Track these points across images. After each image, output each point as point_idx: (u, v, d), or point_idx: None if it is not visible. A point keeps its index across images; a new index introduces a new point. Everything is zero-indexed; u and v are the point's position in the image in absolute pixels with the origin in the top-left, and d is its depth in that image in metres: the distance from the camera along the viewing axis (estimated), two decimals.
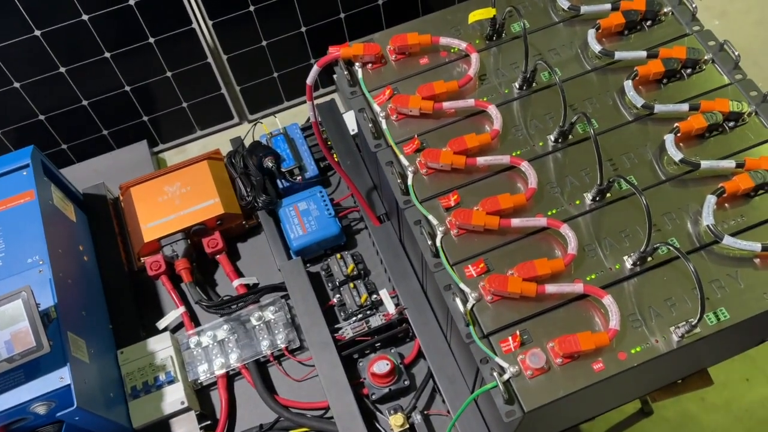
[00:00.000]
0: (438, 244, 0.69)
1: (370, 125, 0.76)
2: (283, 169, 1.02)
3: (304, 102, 1.46)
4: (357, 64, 0.80)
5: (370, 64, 0.81)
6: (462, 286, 0.66)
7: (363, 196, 0.98)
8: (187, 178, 1.00)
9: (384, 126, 0.76)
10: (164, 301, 1.00)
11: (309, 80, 0.82)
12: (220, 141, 1.49)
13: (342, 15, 1.44)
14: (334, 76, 1.31)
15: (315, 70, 0.80)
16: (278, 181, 1.02)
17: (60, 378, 0.75)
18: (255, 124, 1.09)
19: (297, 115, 1.55)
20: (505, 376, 0.62)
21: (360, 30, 1.45)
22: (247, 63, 1.45)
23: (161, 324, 0.96)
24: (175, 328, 0.97)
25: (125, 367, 0.90)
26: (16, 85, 1.27)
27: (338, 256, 0.98)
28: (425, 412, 0.89)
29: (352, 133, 1.05)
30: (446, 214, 0.71)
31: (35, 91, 1.29)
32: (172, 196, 0.99)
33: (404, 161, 0.74)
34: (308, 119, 1.16)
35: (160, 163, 1.57)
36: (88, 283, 0.92)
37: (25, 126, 1.34)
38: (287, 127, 1.08)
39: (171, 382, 0.89)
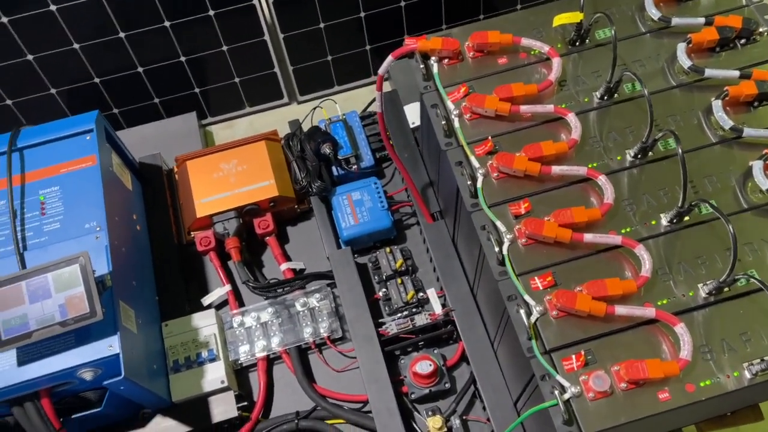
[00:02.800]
0: (505, 252, 0.67)
1: (443, 122, 0.74)
2: (339, 157, 1.00)
3: (354, 88, 1.44)
4: (433, 58, 0.78)
5: (446, 60, 0.78)
6: (527, 298, 0.65)
7: (418, 191, 0.96)
8: (244, 156, 1.00)
9: (456, 124, 0.74)
10: (210, 277, 1.00)
11: (381, 70, 0.80)
12: (268, 119, 1.48)
13: (402, 3, 1.41)
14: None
15: (389, 60, 0.78)
16: (333, 168, 1.01)
17: (109, 346, 0.75)
18: (314, 109, 1.08)
19: (346, 100, 1.53)
20: (566, 396, 0.60)
21: (419, 21, 1.42)
22: (302, 44, 1.43)
23: (206, 300, 0.96)
24: (219, 306, 0.97)
25: (168, 341, 0.90)
26: (76, 46, 1.28)
27: (387, 249, 0.97)
28: (464, 417, 0.87)
29: (411, 126, 1.04)
30: (515, 221, 0.69)
31: (93, 54, 1.30)
32: (227, 174, 0.99)
33: (475, 163, 0.72)
34: (366, 107, 1.15)
35: (207, 135, 1.57)
36: (138, 253, 0.92)
37: (79, 87, 1.34)
38: (347, 114, 1.06)
39: (213, 360, 0.89)
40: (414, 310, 0.94)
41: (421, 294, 0.95)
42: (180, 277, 0.97)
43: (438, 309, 0.92)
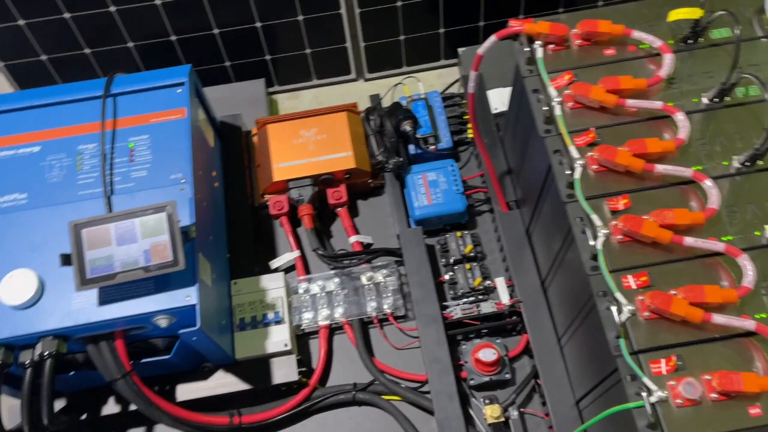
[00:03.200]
0: (599, 246, 0.65)
1: (545, 108, 0.72)
2: (418, 136, 0.99)
3: (422, 70, 1.42)
4: (537, 42, 0.77)
5: (551, 45, 0.76)
6: (618, 296, 0.63)
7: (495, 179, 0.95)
8: (324, 125, 1.00)
9: (557, 112, 0.72)
10: (279, 241, 1.01)
11: (481, 50, 0.78)
12: (333, 93, 1.48)
13: None
14: (460, 50, 1.29)
15: (492, 40, 0.77)
16: (410, 146, 1.00)
17: (186, 297, 0.76)
18: (396, 85, 1.07)
19: (413, 82, 1.52)
20: (652, 399, 0.59)
21: (495, 9, 1.39)
22: (377, 20, 1.42)
23: (274, 263, 0.97)
24: (286, 271, 0.97)
25: (236, 299, 0.91)
26: (158, 2, 1.29)
27: (458, 234, 0.96)
28: (521, 410, 0.87)
29: (494, 111, 1.02)
30: (611, 217, 0.67)
31: (173, 11, 1.31)
32: (306, 141, 0.99)
33: (574, 153, 0.70)
34: (446, 88, 1.13)
35: (272, 103, 1.58)
36: (215, 209, 0.93)
37: (155, 44, 1.36)
38: (428, 93, 1.05)
39: (278, 322, 0.90)
40: (480, 297, 0.93)
41: (488, 282, 0.94)
42: (250, 238, 0.98)
43: (505, 299, 0.91)
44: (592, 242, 0.66)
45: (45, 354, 0.75)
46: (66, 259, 0.74)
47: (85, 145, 0.85)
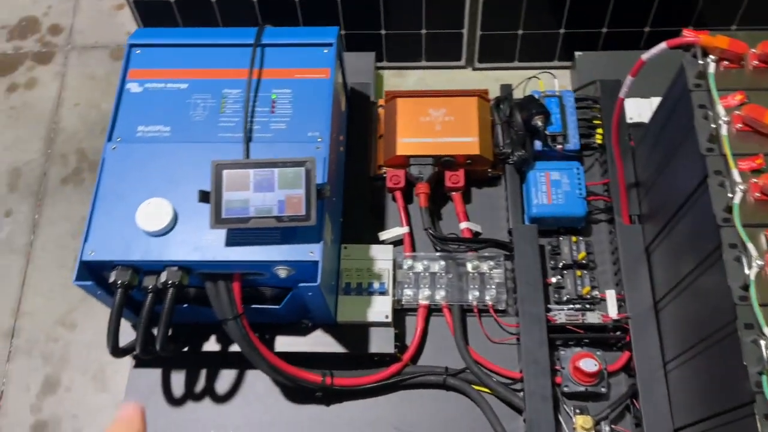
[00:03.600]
0: (753, 277, 0.63)
1: (712, 125, 0.70)
2: (547, 133, 0.98)
3: (533, 68, 1.38)
4: (711, 57, 0.74)
5: (725, 62, 0.73)
6: (767, 330, 0.61)
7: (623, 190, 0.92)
8: (453, 107, 0.99)
9: (723, 131, 0.70)
10: (389, 214, 1.01)
11: (645, 56, 0.76)
12: (440, 78, 1.46)
13: None
14: (577, 54, 1.25)
15: (661, 47, 0.74)
16: (536, 142, 0.99)
17: (310, 252, 0.77)
18: (530, 78, 1.05)
19: (520, 78, 1.50)
20: None
21: (621, 17, 1.35)
22: (499, 11, 1.40)
23: (383, 235, 0.97)
24: (393, 245, 0.98)
25: (344, 263, 0.93)
26: None
27: (573, 238, 0.95)
28: (613, 426, 0.85)
29: (628, 120, 0.99)
30: None
31: None
32: (433, 120, 0.99)
33: (737, 176, 0.67)
34: (578, 89, 1.10)
35: (378, 79, 1.58)
36: (338, 172, 0.95)
37: (276, 1, 1.37)
38: (563, 92, 1.03)
39: (382, 293, 0.91)
40: (587, 306, 0.91)
41: (596, 292, 0.92)
42: (364, 207, 0.99)
43: (613, 312, 0.89)
44: (746, 271, 0.63)
45: (168, 283, 0.78)
46: (204, 196, 0.76)
47: (229, 90, 0.87)
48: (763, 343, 0.60)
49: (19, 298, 1.13)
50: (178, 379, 0.92)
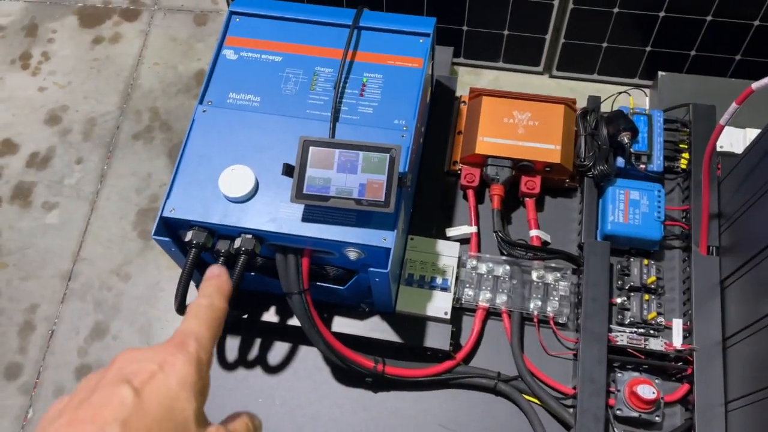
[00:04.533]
0: None
1: None
2: (632, 151, 0.96)
3: (612, 83, 1.35)
4: None
5: None
6: None
7: (707, 218, 0.90)
8: (539, 112, 0.98)
9: None
10: (458, 211, 1.01)
11: (756, 85, 0.74)
12: (515, 81, 1.45)
13: (708, 18, 1.29)
14: (661, 74, 1.21)
15: None
16: (618, 158, 0.97)
17: (383, 239, 0.77)
18: (620, 93, 1.03)
19: (599, 91, 1.47)
20: None
21: (713, 41, 1.30)
22: (586, 21, 1.36)
23: (450, 232, 0.97)
24: (459, 242, 0.97)
25: (410, 253, 0.93)
26: None
27: (645, 261, 0.92)
28: None
29: (718, 149, 0.96)
30: None
31: None
32: (517, 123, 0.97)
33: None
34: (668, 109, 1.07)
35: (452, 73, 1.57)
36: (416, 163, 0.94)
37: None
38: (653, 111, 1.00)
39: (444, 289, 0.90)
40: (651, 331, 0.89)
41: (661, 319, 0.90)
42: (435, 201, 0.99)
43: (678, 342, 0.87)
44: None
45: (242, 249, 0.79)
46: (288, 170, 0.77)
47: (322, 68, 0.87)
48: None
49: (80, 244, 1.17)
50: (232, 345, 0.93)
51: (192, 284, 0.88)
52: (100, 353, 1.05)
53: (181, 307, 0.81)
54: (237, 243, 0.79)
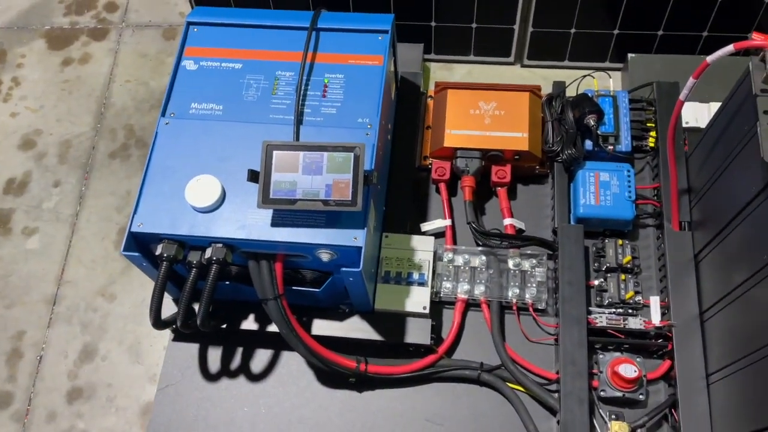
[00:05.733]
0: None
1: None
2: (599, 133, 0.96)
3: (583, 68, 1.35)
4: None
5: None
6: None
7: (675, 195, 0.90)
8: (504, 101, 0.98)
9: None
10: (432, 206, 1.01)
11: (710, 58, 0.74)
12: (487, 73, 1.45)
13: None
14: (630, 55, 1.22)
15: (727, 50, 0.72)
16: (587, 142, 0.97)
17: (354, 238, 0.77)
18: (585, 76, 1.03)
19: (572, 77, 1.48)
20: None
21: (680, 19, 1.31)
22: (553, 8, 1.37)
23: (425, 227, 0.97)
24: (434, 237, 0.98)
25: (385, 251, 0.93)
26: None
27: (619, 242, 0.93)
28: None
29: (684, 125, 0.97)
30: None
31: None
32: (483, 114, 0.98)
33: None
34: (633, 89, 1.08)
35: (425, 71, 1.57)
36: (384, 160, 0.94)
37: None
38: (618, 92, 1.01)
39: (421, 284, 0.90)
40: (629, 311, 0.89)
41: (639, 297, 0.90)
42: (407, 197, 0.99)
43: (656, 319, 0.87)
44: None
45: (213, 259, 0.79)
46: (253, 175, 0.77)
47: (283, 72, 0.88)
48: None
49: (63, 267, 1.16)
50: (215, 355, 0.93)
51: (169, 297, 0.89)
52: (90, 375, 1.04)
53: (156, 322, 0.81)
54: (208, 253, 0.79)
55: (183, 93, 0.87)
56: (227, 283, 0.85)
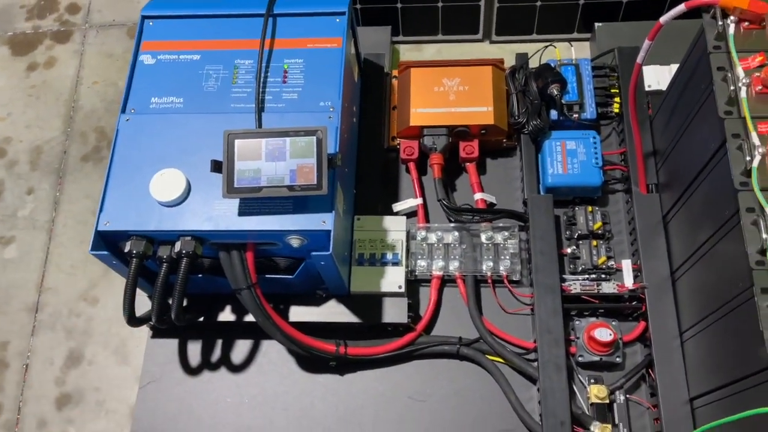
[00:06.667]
0: None
1: (731, 88, 0.68)
2: (563, 102, 0.96)
3: (552, 40, 1.35)
4: (731, 18, 0.71)
5: (746, 23, 0.71)
6: None
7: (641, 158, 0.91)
8: (468, 77, 0.98)
9: (743, 94, 0.68)
10: (403, 185, 1.01)
11: (663, 19, 0.74)
12: (457, 51, 1.45)
13: None
14: (597, 25, 1.21)
15: (679, 9, 0.72)
16: (552, 111, 0.97)
17: (322, 222, 0.77)
18: (546, 47, 1.03)
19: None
20: None
21: None
22: None
23: (396, 207, 0.97)
24: (406, 216, 0.98)
25: (358, 234, 0.93)
26: None
27: (589, 208, 0.93)
28: (628, 396, 0.85)
29: (647, 88, 0.97)
30: None
31: None
32: (447, 90, 0.97)
33: (755, 139, 0.66)
34: (596, 57, 1.08)
35: (394, 53, 1.57)
36: (351, 143, 0.94)
37: None
38: (580, 60, 1.01)
39: (396, 264, 0.91)
40: (602, 276, 0.90)
41: (612, 262, 0.91)
42: (377, 178, 0.99)
43: (629, 282, 0.88)
44: (764, 235, 0.62)
45: (183, 252, 0.78)
46: (216, 166, 0.77)
47: (242, 60, 0.87)
48: None
49: (43, 274, 1.16)
50: (194, 349, 0.94)
51: (143, 293, 0.88)
52: (78, 380, 1.04)
53: (131, 319, 0.81)
54: (177, 247, 0.79)
55: (142, 88, 0.86)
56: (200, 276, 0.85)
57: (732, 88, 0.68)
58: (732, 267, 0.67)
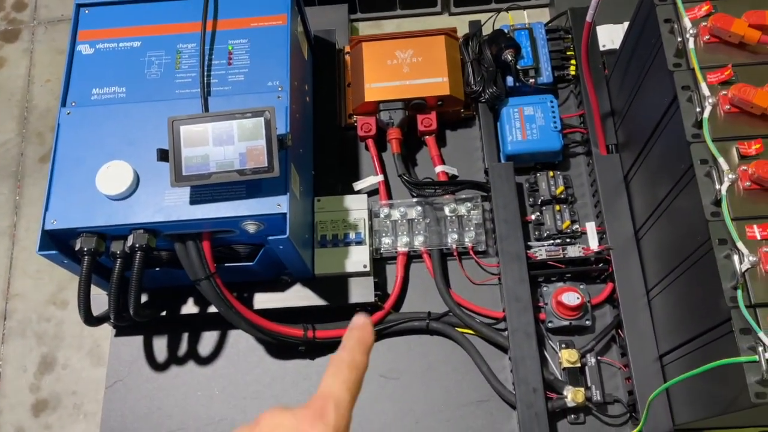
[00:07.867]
0: (724, 192, 0.61)
1: (678, 39, 0.66)
2: (519, 67, 0.94)
3: (512, 8, 1.34)
4: None
5: None
6: (740, 245, 0.59)
7: (598, 119, 0.89)
8: (421, 47, 0.96)
9: (691, 45, 0.67)
10: (363, 163, 0.99)
11: None
12: (416, 25, 1.41)
13: None
14: None
15: None
16: (508, 78, 0.96)
17: (278, 205, 0.75)
18: (499, 12, 1.01)
19: (499, 21, 1.45)
20: (767, 355, 0.55)
21: None
22: None
23: (357, 185, 0.95)
24: (368, 194, 0.96)
25: (319, 215, 0.91)
26: None
27: (550, 173, 0.92)
28: (599, 358, 0.84)
29: (601, 48, 0.96)
30: (740, 162, 0.62)
31: None
32: (401, 63, 0.95)
33: (705, 90, 0.65)
34: (549, 21, 1.06)
35: (353, 31, 1.54)
36: (305, 123, 0.92)
37: None
38: (533, 24, 0.99)
39: (359, 243, 0.89)
40: (567, 240, 0.90)
41: (576, 226, 0.91)
42: (335, 158, 0.97)
43: (594, 245, 0.87)
44: (717, 186, 0.61)
45: (136, 246, 0.76)
46: (163, 155, 0.74)
47: (184, 44, 0.84)
48: (736, 257, 0.59)
49: (9, 281, 1.13)
50: (160, 345, 0.92)
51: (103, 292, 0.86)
52: (54, 385, 1.02)
53: (88, 319, 0.79)
54: (130, 241, 0.76)
55: (81, 80, 0.82)
56: (159, 269, 0.83)
57: (679, 39, 0.67)
58: (690, 221, 0.66)
